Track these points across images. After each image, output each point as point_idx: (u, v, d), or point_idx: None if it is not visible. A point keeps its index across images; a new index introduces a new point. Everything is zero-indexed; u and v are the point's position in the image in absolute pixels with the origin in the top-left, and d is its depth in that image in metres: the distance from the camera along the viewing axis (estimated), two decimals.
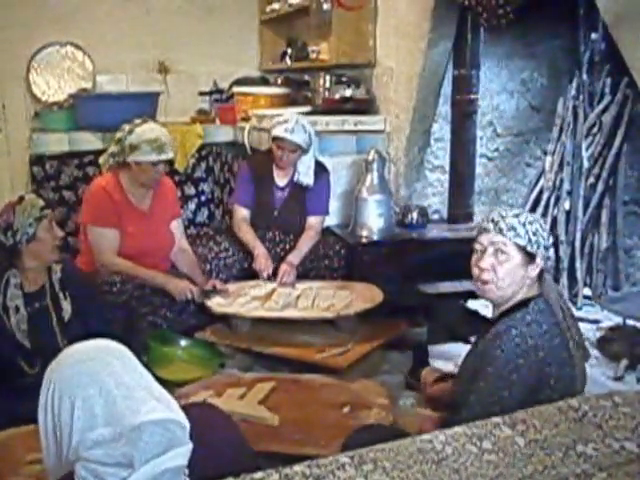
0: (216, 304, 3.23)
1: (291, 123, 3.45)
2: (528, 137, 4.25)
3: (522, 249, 1.91)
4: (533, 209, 3.89)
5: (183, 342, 3.18)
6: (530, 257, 1.91)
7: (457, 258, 3.21)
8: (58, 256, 2.61)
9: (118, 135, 3.21)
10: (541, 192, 3.93)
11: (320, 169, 3.64)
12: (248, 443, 1.67)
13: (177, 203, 3.61)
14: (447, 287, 3.52)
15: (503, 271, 1.91)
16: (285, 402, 2.61)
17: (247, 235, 3.55)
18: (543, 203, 3.89)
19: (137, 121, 3.24)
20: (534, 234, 1.90)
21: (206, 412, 1.64)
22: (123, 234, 3.20)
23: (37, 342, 2.52)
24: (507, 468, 1.35)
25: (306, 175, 3.57)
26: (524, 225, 1.91)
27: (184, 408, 1.41)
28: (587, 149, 3.86)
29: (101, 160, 3.33)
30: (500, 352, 1.83)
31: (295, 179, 3.59)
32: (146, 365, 1.49)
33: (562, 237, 3.77)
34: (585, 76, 3.92)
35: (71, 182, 4.61)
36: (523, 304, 1.92)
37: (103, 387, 1.32)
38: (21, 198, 2.54)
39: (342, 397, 2.63)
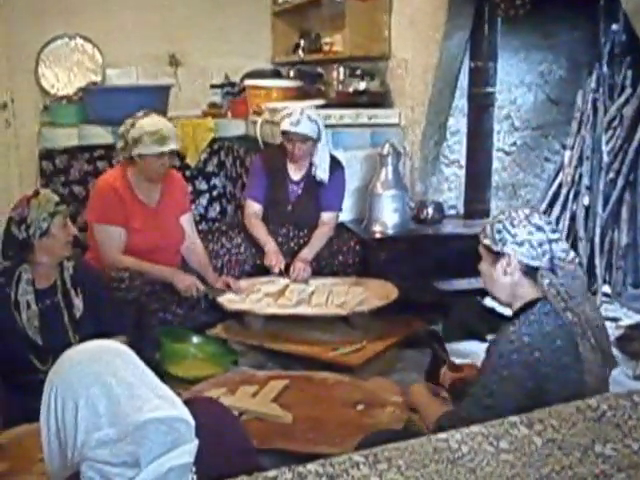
0: (228, 301, 3.22)
1: (295, 116, 3.44)
2: (546, 131, 4.21)
3: (489, 249, 1.91)
4: (551, 204, 3.87)
5: (195, 339, 3.17)
6: (499, 256, 1.88)
7: (473, 254, 3.19)
8: (70, 252, 2.60)
9: (121, 130, 3.18)
10: (560, 187, 3.89)
11: (335, 164, 3.61)
12: (250, 439, 1.64)
13: (187, 198, 3.58)
14: (463, 284, 3.49)
15: (481, 274, 1.97)
16: (298, 400, 2.59)
17: (258, 230, 3.53)
18: (562, 198, 3.85)
19: (139, 114, 3.20)
20: (499, 232, 1.87)
21: (210, 407, 1.62)
22: (131, 230, 3.17)
23: (49, 339, 2.50)
24: (524, 468, 1.32)
25: (322, 169, 3.54)
26: (492, 225, 1.90)
27: (188, 403, 1.39)
28: (607, 143, 3.81)
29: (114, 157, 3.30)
30: (494, 346, 1.85)
31: (312, 173, 3.56)
32: (158, 362, 1.47)
33: (581, 233, 3.74)
34: (605, 68, 3.85)
35: (81, 177, 4.60)
36: (533, 304, 1.88)
37: (106, 386, 1.30)
38: (37, 192, 2.53)
39: (356, 395, 2.61)
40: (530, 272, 1.86)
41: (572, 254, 1.86)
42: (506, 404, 1.72)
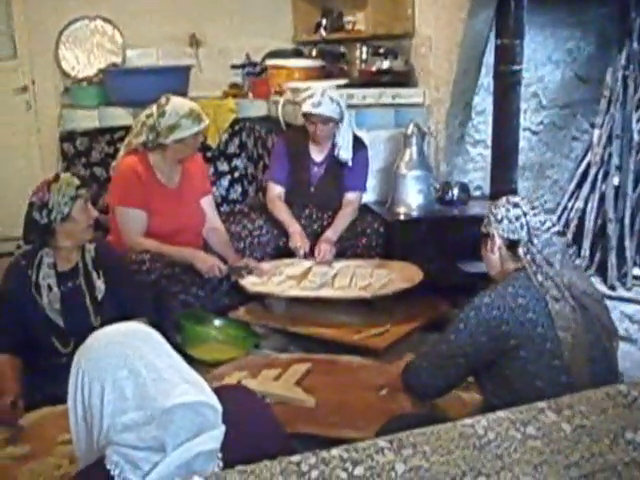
0: (250, 283, 3.19)
1: (317, 97, 3.41)
2: (575, 109, 4.13)
3: (482, 233, 2.12)
4: (580, 185, 3.81)
5: (217, 322, 3.17)
6: (487, 237, 2.09)
7: None
8: (92, 236, 2.60)
9: (149, 122, 3.13)
10: (588, 167, 3.82)
11: (358, 144, 3.58)
12: (281, 426, 1.64)
13: (207, 180, 3.57)
14: None
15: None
16: (321, 384, 2.58)
17: (281, 213, 3.51)
18: (590, 179, 3.78)
19: (161, 101, 3.17)
20: (487, 216, 2.09)
21: (238, 394, 1.61)
22: (152, 213, 3.16)
23: (71, 321, 2.51)
24: (552, 455, 1.31)
25: (345, 149, 3.50)
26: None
27: (216, 390, 1.39)
28: (637, 121, 3.74)
29: (123, 151, 3.27)
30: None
31: (335, 153, 3.53)
32: (179, 345, 1.46)
33: (611, 214, 3.67)
34: (635, 44, 3.77)
35: (102, 158, 4.60)
36: None
37: (133, 370, 1.31)
38: (57, 176, 2.52)
39: (380, 379, 2.60)
40: (512, 246, 2.02)
41: (548, 224, 2.01)
42: (457, 353, 1.99)
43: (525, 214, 2.00)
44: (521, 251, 1.99)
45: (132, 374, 1.30)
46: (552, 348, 1.90)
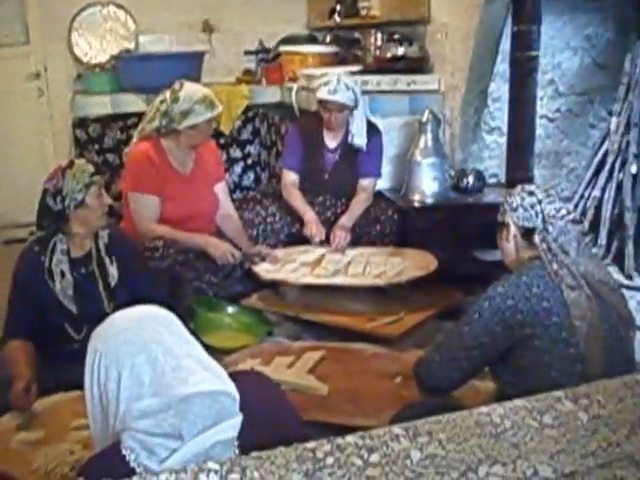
0: (264, 270, 3.19)
1: (333, 84, 3.39)
2: (592, 96, 4.08)
3: (498, 223, 2.10)
4: (597, 173, 3.76)
5: (230, 309, 3.16)
6: (503, 226, 2.08)
7: None
8: (105, 222, 2.59)
9: (162, 108, 3.12)
10: (606, 155, 3.77)
11: (372, 130, 3.56)
12: (297, 411, 1.63)
13: (221, 166, 3.55)
14: None
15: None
16: (335, 372, 2.58)
17: (296, 200, 3.51)
18: (608, 167, 3.73)
19: (175, 87, 3.16)
20: (502, 205, 2.08)
21: (253, 379, 1.61)
22: (165, 199, 3.15)
23: (83, 308, 2.50)
24: (569, 444, 1.31)
25: (359, 136, 3.48)
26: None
27: (231, 375, 1.39)
28: None
29: (137, 137, 3.26)
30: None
31: (349, 140, 3.51)
32: (192, 332, 1.45)
33: (628, 203, 3.63)
34: None
35: (115, 145, 4.61)
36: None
37: (151, 356, 1.30)
38: (71, 162, 2.51)
39: (393, 367, 2.59)
40: (528, 234, 2.01)
41: (563, 212, 1.99)
42: (471, 344, 1.95)
43: (540, 202, 1.99)
44: (537, 239, 1.97)
45: (150, 360, 1.30)
46: (567, 337, 1.88)
